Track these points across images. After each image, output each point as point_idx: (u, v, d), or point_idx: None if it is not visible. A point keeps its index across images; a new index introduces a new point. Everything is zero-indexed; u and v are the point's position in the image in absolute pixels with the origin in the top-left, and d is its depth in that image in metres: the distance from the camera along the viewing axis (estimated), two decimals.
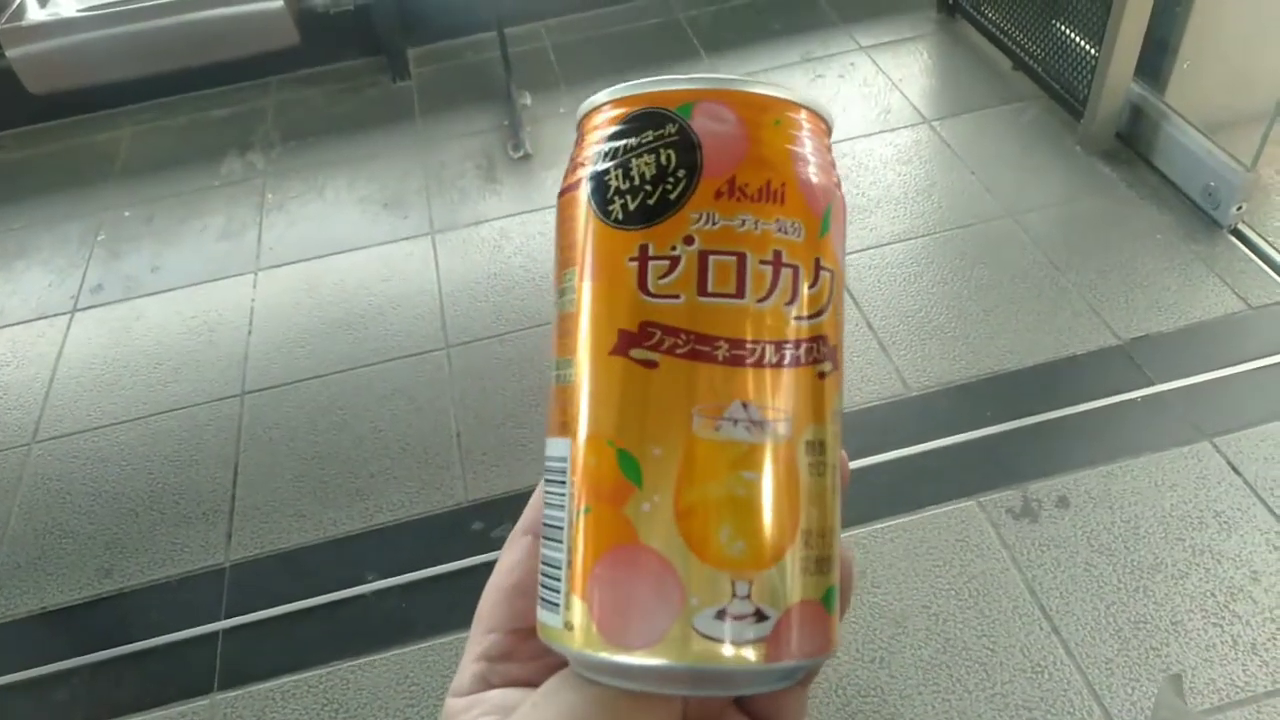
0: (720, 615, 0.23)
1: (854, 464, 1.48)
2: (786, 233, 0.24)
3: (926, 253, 1.86)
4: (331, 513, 1.57)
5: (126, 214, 2.29)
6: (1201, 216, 1.82)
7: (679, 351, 0.23)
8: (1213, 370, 1.56)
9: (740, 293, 0.24)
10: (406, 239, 2.08)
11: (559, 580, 0.25)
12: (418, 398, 1.74)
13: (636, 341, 0.24)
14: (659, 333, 0.23)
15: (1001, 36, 2.27)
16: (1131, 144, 1.98)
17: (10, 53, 1.89)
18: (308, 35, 2.04)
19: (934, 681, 1.25)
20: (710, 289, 0.23)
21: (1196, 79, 1.88)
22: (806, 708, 0.28)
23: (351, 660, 1.37)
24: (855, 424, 1.56)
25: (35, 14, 1.99)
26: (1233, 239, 1.78)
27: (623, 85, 0.26)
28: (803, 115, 0.26)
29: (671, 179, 0.24)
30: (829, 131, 0.28)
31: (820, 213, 0.25)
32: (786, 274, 0.24)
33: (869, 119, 2.20)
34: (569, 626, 0.24)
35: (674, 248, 0.24)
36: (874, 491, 1.47)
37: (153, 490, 1.65)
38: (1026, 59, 2.19)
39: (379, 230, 2.12)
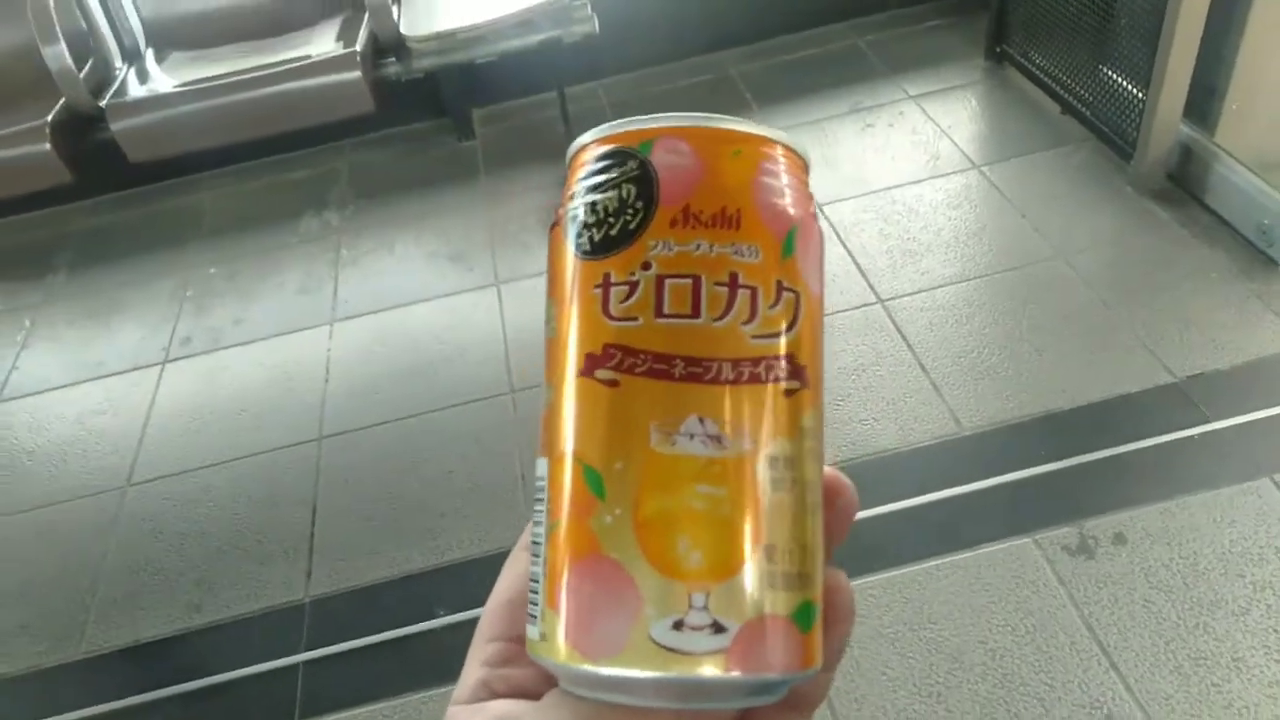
0: (677, 625, 0.23)
1: (908, 503, 1.51)
2: (743, 255, 0.25)
3: (978, 295, 1.89)
4: (404, 550, 1.64)
5: (212, 271, 2.44)
6: (1256, 254, 1.82)
7: (638, 370, 0.25)
8: (1271, 407, 1.56)
9: (696, 313, 0.25)
10: (472, 290, 2.18)
11: (538, 593, 0.26)
12: (484, 441, 1.82)
13: (600, 363, 0.25)
14: (619, 354, 0.25)
15: (1049, 81, 2.31)
16: (1183, 184, 2.00)
17: (115, 125, 2.05)
18: (379, 100, 2.18)
19: (991, 717, 1.26)
20: (666, 310, 0.25)
21: (1246, 119, 1.90)
22: None
23: (424, 691, 1.43)
24: (909, 463, 1.59)
25: (136, 90, 2.16)
26: None
27: (603, 125, 0.28)
28: (768, 148, 0.27)
29: (630, 210, 0.26)
30: (803, 166, 0.28)
31: (781, 235, 0.26)
32: (743, 294, 0.25)
33: (918, 165, 2.25)
34: (544, 638, 0.25)
35: (633, 274, 0.25)
36: (929, 529, 1.49)
37: (238, 529, 1.75)
38: (1074, 103, 2.22)
39: (446, 282, 2.23)
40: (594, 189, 0.27)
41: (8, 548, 1.81)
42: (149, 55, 2.31)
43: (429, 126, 2.80)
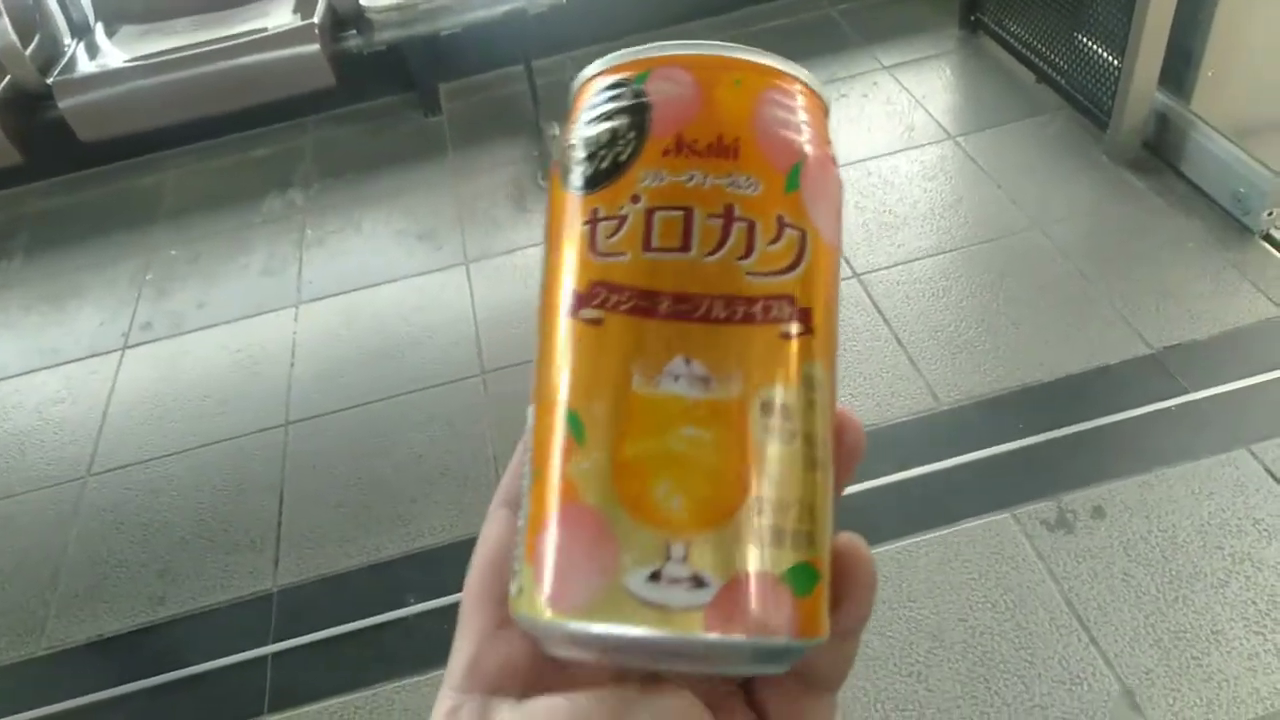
0: (654, 577, 0.22)
1: (886, 479, 1.50)
2: (740, 187, 0.23)
3: (954, 267, 1.87)
4: (374, 538, 1.61)
5: (173, 253, 2.38)
6: (1232, 223, 1.81)
7: (622, 308, 0.23)
8: (1248, 377, 1.55)
9: (686, 247, 0.23)
10: (442, 269, 2.14)
11: (519, 546, 0.25)
12: (456, 423, 1.78)
13: (585, 301, 0.23)
14: (604, 291, 0.23)
15: (1024, 50, 2.28)
16: (1159, 152, 1.98)
17: (63, 103, 1.97)
18: (342, 75, 2.11)
19: (972, 694, 1.25)
20: (654, 245, 0.23)
21: (1222, 86, 1.88)
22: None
23: (397, 681, 1.40)
24: (887, 439, 1.57)
25: (85, 66, 2.08)
26: (1265, 245, 1.77)
27: (607, 56, 0.26)
28: (776, 79, 0.25)
29: (622, 142, 0.24)
30: (820, 105, 0.27)
31: (785, 169, 0.24)
32: (739, 228, 0.23)
33: (893, 137, 2.22)
34: (521, 592, 0.24)
35: (621, 207, 0.24)
36: (907, 506, 1.48)
37: (202, 519, 1.70)
38: (1050, 72, 2.20)
39: (415, 262, 2.18)
40: (588, 123, 0.25)
41: None
42: (99, 29, 2.22)
43: (395, 102, 2.73)
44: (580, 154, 0.25)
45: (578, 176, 0.25)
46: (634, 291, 0.23)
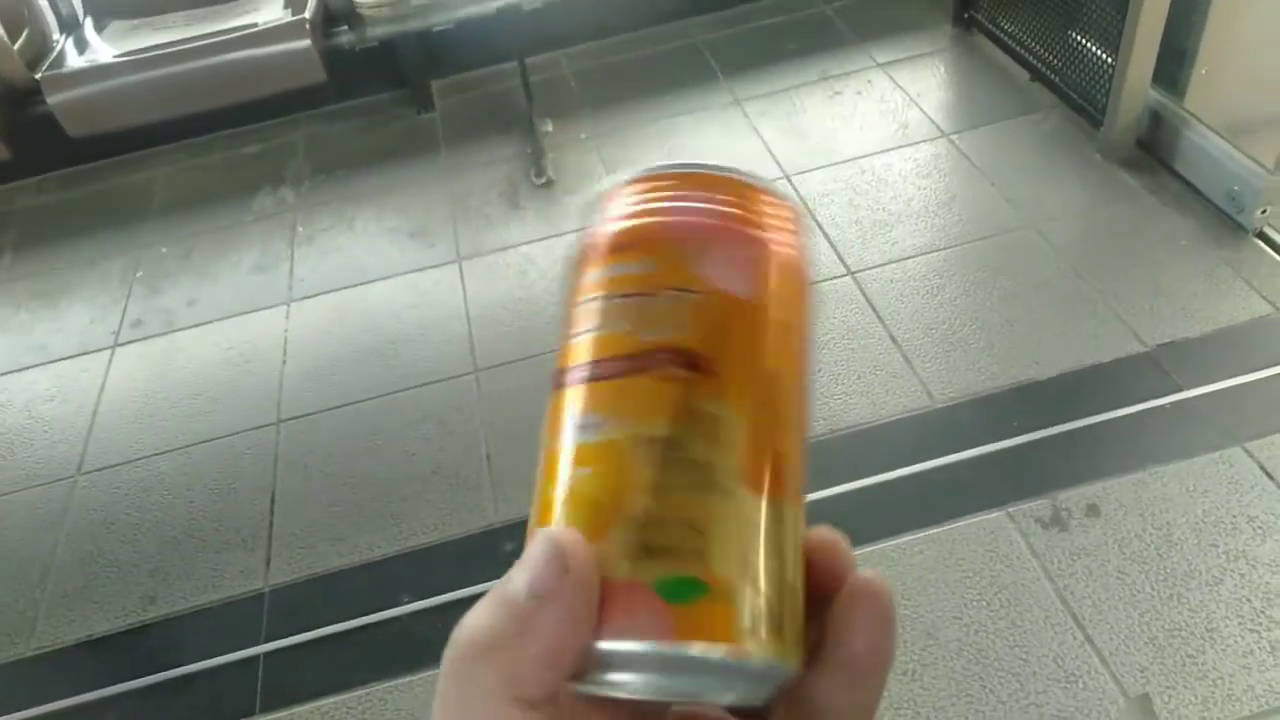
0: None
1: (880, 477, 1.50)
2: (646, 267, 0.28)
3: (948, 265, 1.87)
4: (367, 536, 1.60)
5: (164, 250, 2.36)
6: (1226, 221, 1.81)
7: (564, 382, 0.28)
8: (1242, 374, 1.55)
9: (599, 328, 0.28)
10: (434, 267, 2.13)
11: None
12: (448, 421, 1.77)
13: (555, 380, 0.29)
14: (559, 371, 0.29)
15: (1018, 49, 2.28)
16: (1152, 150, 1.98)
17: (51, 99, 1.96)
18: (334, 71, 2.10)
19: (967, 693, 1.24)
20: (574, 330, 0.29)
21: (1215, 84, 1.88)
22: None
23: (389, 681, 1.39)
24: (881, 437, 1.57)
25: (74, 61, 2.07)
26: (1259, 242, 1.77)
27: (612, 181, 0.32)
28: (676, 180, 0.30)
29: (578, 258, 0.31)
30: (723, 183, 0.30)
31: (678, 245, 0.28)
32: (637, 302, 0.28)
33: (887, 135, 2.21)
34: None
35: (575, 304, 0.30)
36: (901, 504, 1.47)
37: (193, 518, 1.69)
38: (1044, 70, 2.19)
39: (407, 259, 2.16)
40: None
41: None
42: (88, 24, 2.20)
43: (387, 99, 2.72)
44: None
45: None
46: (566, 369, 0.28)
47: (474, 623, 0.25)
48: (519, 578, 0.25)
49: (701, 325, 0.27)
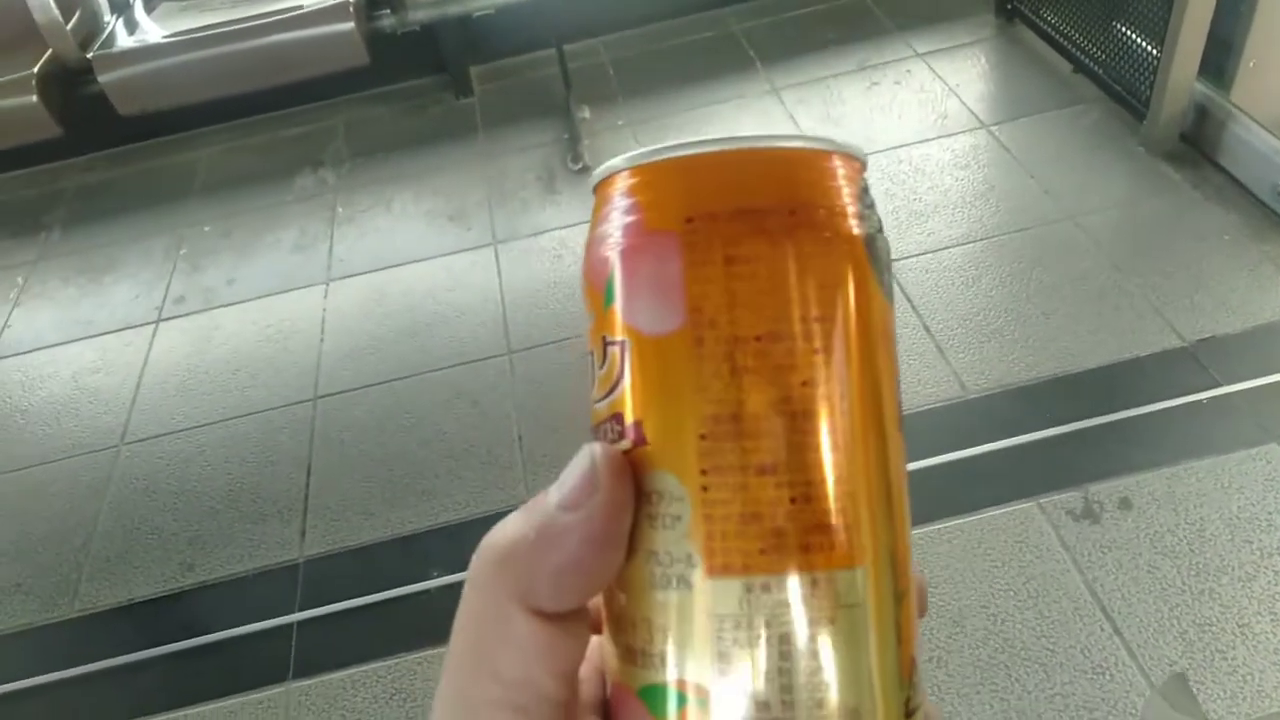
0: None
1: (910, 466, 1.48)
2: (588, 323, 0.25)
3: (985, 256, 1.85)
4: (399, 512, 1.63)
5: (206, 229, 2.41)
6: (1270, 216, 1.78)
7: None
8: None
9: (588, 390, 0.26)
10: (470, 249, 2.15)
11: None
12: (481, 402, 1.79)
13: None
14: None
15: (1061, 40, 2.25)
16: (1196, 144, 1.95)
17: (102, 78, 2.00)
18: (376, 55, 2.12)
19: (992, 681, 1.24)
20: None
21: (1263, 77, 1.85)
22: None
23: (418, 652, 1.42)
24: (913, 426, 1.56)
25: (124, 41, 2.11)
26: None
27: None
28: (602, 190, 0.25)
29: None
30: (637, 178, 0.25)
31: (602, 287, 0.24)
32: (586, 362, 0.25)
33: (926, 125, 2.20)
34: None
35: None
36: (931, 493, 1.47)
37: (231, 490, 1.73)
38: (1087, 61, 2.17)
39: (444, 241, 2.19)
40: None
41: (1, 505, 1.80)
42: (138, 5, 2.25)
43: (426, 83, 2.74)
44: None
45: None
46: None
47: (501, 529, 0.25)
48: (554, 489, 0.24)
49: (628, 384, 0.23)
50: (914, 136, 2.17)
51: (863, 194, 0.25)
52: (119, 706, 1.45)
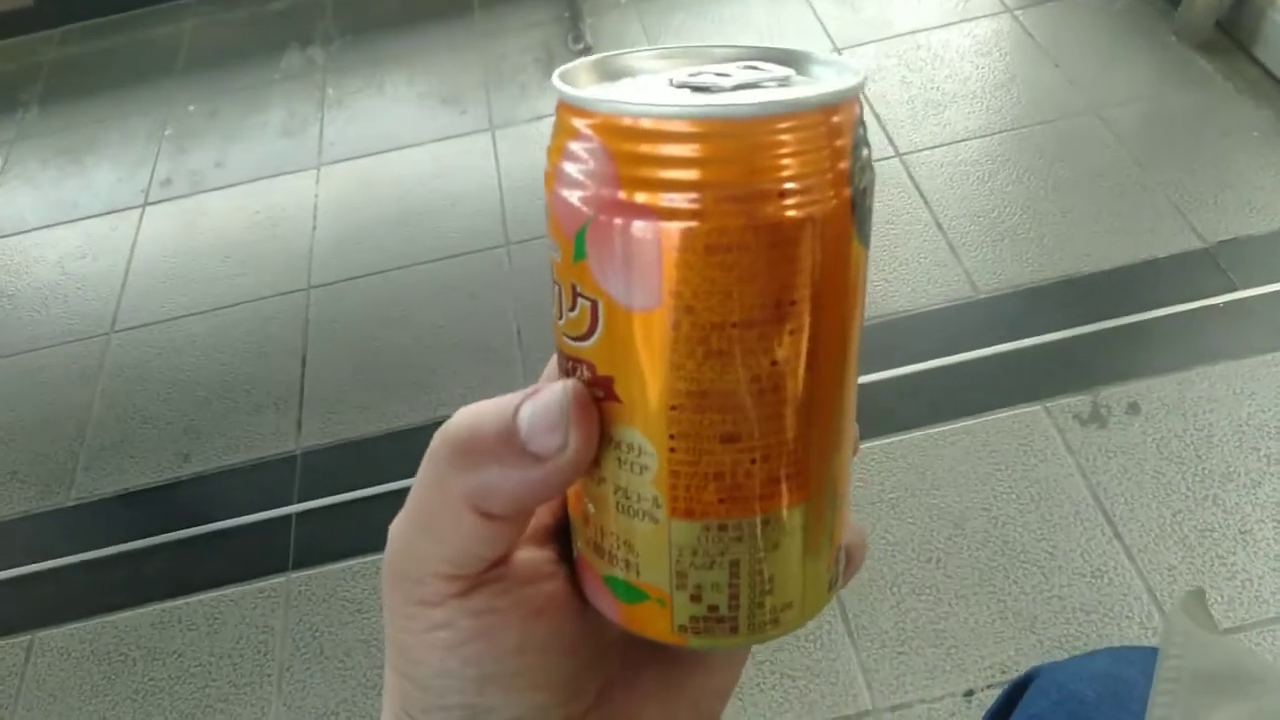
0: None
1: (917, 367, 1.47)
2: (554, 252, 0.25)
3: (1003, 150, 1.78)
4: (394, 405, 1.60)
5: (191, 109, 2.31)
6: None
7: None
8: None
9: (557, 313, 0.26)
10: (466, 134, 2.06)
11: None
12: (478, 294, 1.75)
13: None
14: None
15: None
16: (1232, 34, 1.85)
17: None
18: None
19: (990, 582, 1.25)
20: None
21: None
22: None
23: None
24: (919, 326, 1.53)
25: None
26: None
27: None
28: (575, 119, 0.24)
29: None
30: (627, 133, 0.23)
31: (572, 235, 0.24)
32: (555, 292, 0.25)
33: (946, 8, 2.08)
34: None
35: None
36: (937, 395, 1.45)
37: (225, 379, 1.70)
38: None
39: (438, 125, 2.10)
40: None
41: None
42: None
43: None
44: None
45: None
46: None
47: (464, 419, 0.25)
48: (526, 407, 0.24)
49: (601, 343, 0.24)
50: (934, 21, 2.06)
51: (855, 146, 0.23)
52: (121, 591, 1.45)
